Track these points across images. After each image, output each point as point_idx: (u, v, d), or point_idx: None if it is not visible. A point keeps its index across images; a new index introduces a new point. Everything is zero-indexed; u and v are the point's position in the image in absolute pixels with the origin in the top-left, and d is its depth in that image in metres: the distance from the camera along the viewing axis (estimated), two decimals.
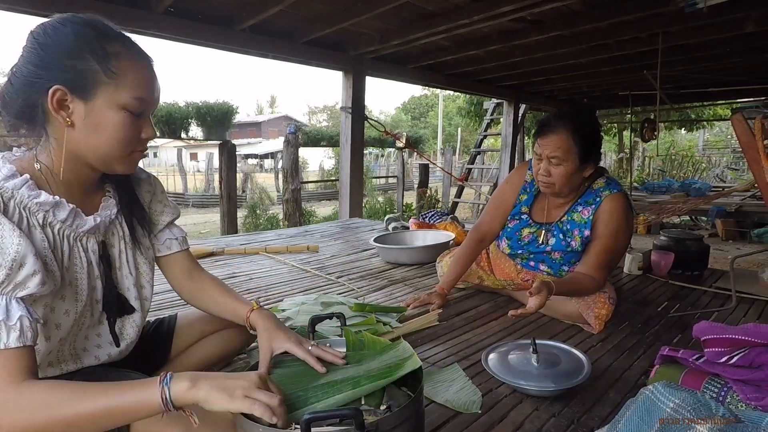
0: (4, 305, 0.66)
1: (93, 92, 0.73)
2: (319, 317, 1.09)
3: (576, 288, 1.53)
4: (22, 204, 0.72)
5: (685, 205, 4.23)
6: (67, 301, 0.79)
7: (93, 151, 0.77)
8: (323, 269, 2.38)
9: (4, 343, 0.65)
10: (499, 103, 7.21)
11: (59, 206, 0.77)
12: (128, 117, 0.76)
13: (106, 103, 0.74)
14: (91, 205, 0.85)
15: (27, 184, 0.73)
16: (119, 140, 0.76)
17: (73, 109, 0.74)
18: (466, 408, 1.08)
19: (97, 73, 0.73)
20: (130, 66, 0.75)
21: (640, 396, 0.83)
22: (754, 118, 1.36)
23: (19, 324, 0.66)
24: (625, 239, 1.63)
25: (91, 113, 0.74)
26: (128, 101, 0.75)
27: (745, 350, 0.90)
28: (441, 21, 3.19)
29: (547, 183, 1.57)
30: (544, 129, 1.53)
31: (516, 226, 1.75)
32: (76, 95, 0.73)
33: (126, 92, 0.75)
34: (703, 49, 3.97)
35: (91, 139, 0.75)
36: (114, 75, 0.74)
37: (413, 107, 34.80)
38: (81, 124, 0.74)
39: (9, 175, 0.72)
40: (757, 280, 2.05)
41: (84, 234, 0.82)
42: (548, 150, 1.50)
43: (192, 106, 5.34)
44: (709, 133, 16.46)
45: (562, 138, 1.49)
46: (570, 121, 1.50)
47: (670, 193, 6.62)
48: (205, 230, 8.44)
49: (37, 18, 2.61)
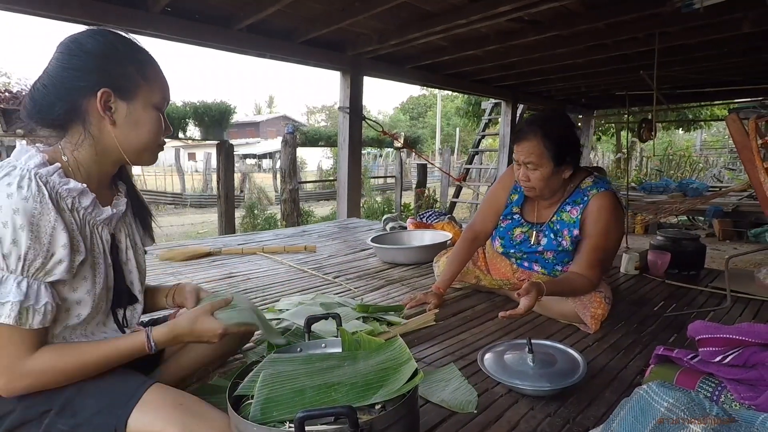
0: (36, 290, 0.75)
1: (134, 94, 0.84)
2: (315, 317, 1.09)
3: (569, 288, 1.53)
4: (54, 189, 0.79)
5: (683, 205, 4.23)
6: (89, 281, 0.85)
7: (129, 144, 0.86)
8: (320, 269, 2.38)
9: (29, 325, 0.75)
10: (497, 103, 7.21)
11: (84, 194, 0.84)
12: (158, 114, 0.88)
13: (143, 103, 0.85)
14: (103, 200, 0.90)
15: (58, 172, 0.80)
16: (154, 134, 0.88)
17: (116, 108, 0.83)
18: (461, 408, 1.09)
19: (137, 78, 0.84)
20: (155, 71, 0.88)
21: (635, 396, 0.84)
22: (748, 118, 1.36)
23: (43, 308, 0.76)
24: (616, 237, 1.64)
25: (133, 112, 0.85)
26: (158, 101, 0.87)
27: (740, 350, 0.90)
28: (439, 21, 3.19)
29: (527, 187, 1.62)
30: (518, 135, 1.58)
31: (508, 226, 1.77)
32: (119, 96, 0.83)
33: (157, 93, 0.87)
34: (700, 49, 3.98)
35: (130, 134, 0.85)
36: (148, 79, 0.86)
37: (411, 107, 34.79)
38: (122, 122, 0.84)
39: (41, 163, 0.79)
40: (753, 280, 2.05)
41: (100, 223, 0.88)
42: (522, 156, 1.56)
43: (189, 106, 5.33)
44: (707, 133, 16.49)
45: (533, 143, 1.53)
46: (539, 126, 1.54)
47: (668, 193, 6.63)
48: (203, 230, 8.43)
49: (36, 18, 2.60)
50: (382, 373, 0.84)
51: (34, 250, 0.73)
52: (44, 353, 0.77)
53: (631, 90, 6.02)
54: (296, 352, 0.99)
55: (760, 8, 2.69)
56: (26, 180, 0.75)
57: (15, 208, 0.72)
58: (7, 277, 0.73)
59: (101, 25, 2.68)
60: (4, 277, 0.73)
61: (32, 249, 0.73)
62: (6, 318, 0.72)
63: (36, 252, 0.74)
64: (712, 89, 6.00)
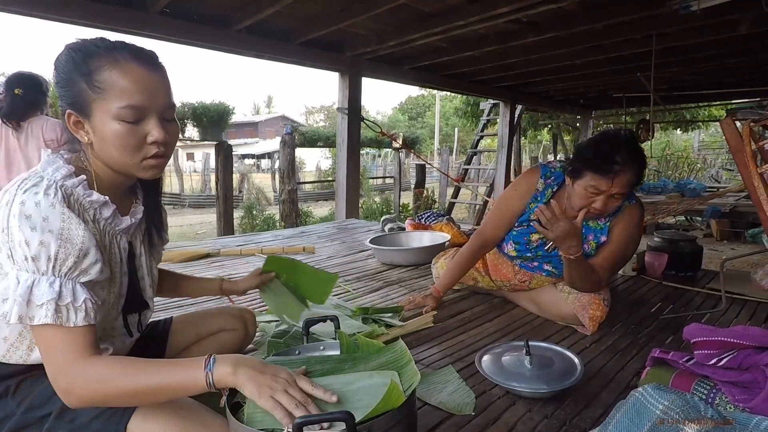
0: (71, 289, 0.74)
1: (89, 110, 0.78)
2: (313, 320, 1.10)
3: (588, 272, 1.52)
4: (78, 201, 0.79)
5: (681, 205, 4.24)
6: (105, 290, 0.85)
7: (110, 160, 0.82)
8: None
9: (74, 323, 0.73)
10: (495, 104, 7.22)
11: (106, 205, 0.84)
12: (124, 126, 0.78)
13: (102, 117, 0.78)
14: (122, 209, 0.90)
15: (83, 184, 0.80)
16: (122, 149, 0.79)
17: (86, 128, 0.80)
18: (459, 410, 1.09)
19: (86, 91, 0.77)
20: (113, 76, 0.76)
21: (631, 398, 0.84)
22: (744, 119, 1.37)
23: (84, 306, 0.75)
24: (633, 248, 1.64)
25: (96, 129, 0.79)
26: (117, 111, 0.77)
27: (734, 352, 0.91)
28: (437, 22, 3.19)
29: (599, 214, 1.50)
30: (616, 169, 1.39)
31: (524, 231, 1.70)
32: (81, 116, 0.79)
33: (113, 102, 0.76)
34: (697, 50, 3.99)
35: (104, 151, 0.81)
36: (99, 90, 0.76)
37: (410, 107, 34.78)
38: (94, 140, 0.80)
39: (67, 175, 0.79)
40: (750, 281, 2.06)
41: (119, 232, 0.88)
42: (618, 188, 1.41)
43: (188, 107, 5.33)
44: (705, 133, 16.52)
45: (631, 176, 1.41)
46: (639, 156, 1.43)
47: (666, 194, 6.64)
48: (201, 231, 8.43)
49: (34, 19, 2.60)
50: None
51: (65, 250, 0.73)
52: (103, 360, 0.75)
53: (629, 91, 6.04)
54: (294, 355, 0.99)
55: (758, 10, 2.70)
56: (53, 189, 0.75)
57: (44, 216, 0.72)
58: (38, 279, 0.72)
59: (100, 27, 2.69)
60: (36, 280, 0.72)
61: (62, 249, 0.73)
62: (45, 318, 0.71)
63: (67, 251, 0.73)
64: (710, 92, 6.02)
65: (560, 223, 1.40)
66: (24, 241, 0.71)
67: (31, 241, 0.71)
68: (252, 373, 0.73)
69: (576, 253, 1.45)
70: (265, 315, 1.64)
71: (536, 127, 11.02)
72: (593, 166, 1.41)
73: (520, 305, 1.84)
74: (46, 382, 0.81)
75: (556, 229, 1.41)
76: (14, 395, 0.81)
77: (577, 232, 1.42)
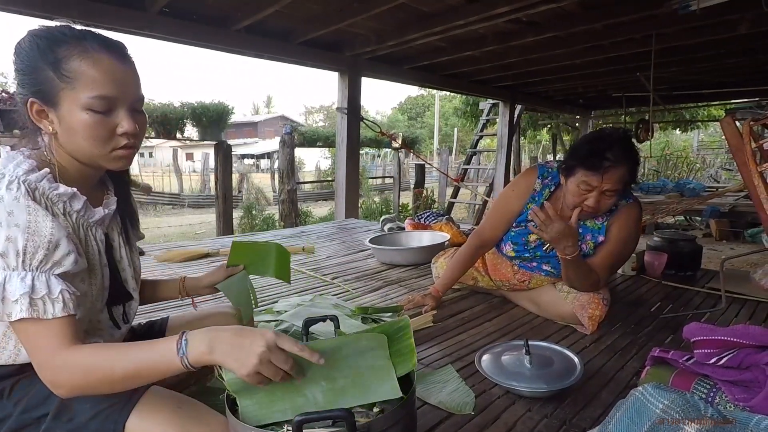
0: (44, 281, 0.72)
1: (56, 99, 0.76)
2: (313, 320, 1.10)
3: (587, 271, 1.53)
4: (45, 195, 0.77)
5: (680, 205, 4.24)
6: (86, 283, 0.84)
7: (77, 151, 0.80)
8: (319, 270, 2.38)
9: (52, 314, 0.72)
10: (495, 104, 7.22)
11: (75, 197, 0.82)
12: (93, 116, 0.76)
13: (70, 107, 0.76)
14: (94, 200, 0.89)
15: (47, 177, 0.78)
16: (91, 140, 0.78)
17: (51, 117, 0.78)
18: (459, 409, 1.09)
19: (53, 80, 0.75)
20: (83, 65, 0.75)
21: (631, 397, 0.84)
22: (744, 119, 1.37)
23: (61, 296, 0.73)
24: (631, 247, 1.64)
25: (63, 119, 0.77)
26: (87, 101, 0.75)
27: (734, 351, 0.91)
28: (437, 22, 3.19)
29: (593, 212, 1.50)
30: (606, 165, 1.40)
31: (522, 231, 1.71)
32: (46, 105, 0.77)
33: (83, 92, 0.75)
34: (696, 50, 3.99)
35: (71, 143, 0.79)
36: (67, 79, 0.75)
37: (410, 107, 34.79)
38: (59, 130, 0.78)
39: (30, 169, 0.77)
40: (749, 281, 2.06)
41: (93, 224, 0.87)
42: (609, 185, 1.42)
43: (187, 107, 5.31)
44: (704, 133, 16.54)
45: (622, 173, 1.42)
46: (631, 153, 1.44)
47: (665, 194, 6.64)
48: (200, 231, 8.42)
49: (32, 19, 2.60)
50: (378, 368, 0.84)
51: (33, 243, 0.72)
52: (85, 348, 0.74)
53: (628, 90, 6.05)
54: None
55: (757, 10, 2.70)
56: (15, 184, 0.74)
57: (9, 211, 0.71)
58: (9, 275, 0.71)
59: (99, 26, 2.69)
60: (7, 276, 0.71)
61: (30, 242, 0.71)
62: (21, 313, 0.70)
63: (36, 244, 0.72)
64: (708, 91, 6.02)
65: (554, 224, 1.40)
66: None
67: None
68: (229, 349, 0.71)
69: (572, 254, 1.45)
70: (265, 314, 1.64)
71: (536, 127, 11.02)
72: (583, 163, 1.43)
73: (520, 305, 1.85)
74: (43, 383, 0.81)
75: (550, 231, 1.41)
76: (10, 396, 0.81)
77: (572, 232, 1.42)
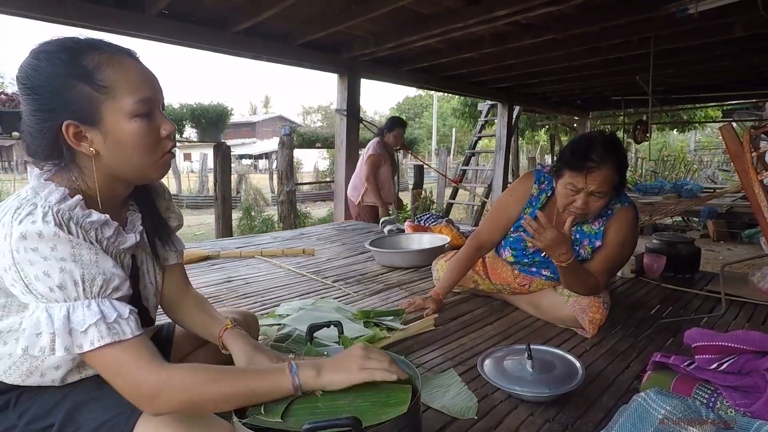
0: (110, 305, 0.72)
1: (98, 115, 0.73)
2: (317, 325, 1.10)
3: (584, 277, 1.54)
4: (79, 223, 0.74)
5: (677, 206, 4.26)
6: None
7: (126, 167, 0.78)
8: (319, 273, 2.38)
9: (131, 333, 0.72)
10: (493, 105, 7.24)
11: (107, 224, 0.80)
12: (141, 123, 0.75)
13: (115, 119, 0.73)
14: (119, 220, 0.85)
15: (80, 204, 0.75)
16: (144, 148, 0.76)
17: (91, 137, 0.74)
18: (461, 414, 1.10)
19: (90, 93, 0.72)
20: (116, 71, 0.73)
21: (633, 402, 0.85)
22: (740, 120, 1.38)
23: (132, 317, 0.73)
24: (629, 250, 1.65)
25: (108, 134, 0.74)
26: (133, 107, 0.73)
27: (735, 357, 0.92)
28: (435, 24, 3.20)
29: (582, 214, 1.51)
30: (589, 165, 1.41)
31: (520, 237, 1.73)
32: (86, 124, 0.73)
33: (126, 99, 0.73)
34: (693, 52, 4.02)
35: (120, 157, 0.76)
36: (105, 89, 0.72)
37: (408, 108, 34.77)
38: (104, 148, 0.75)
39: (62, 198, 0.74)
40: (747, 283, 2.08)
41: (123, 250, 0.85)
42: (594, 185, 1.43)
43: (186, 108, 5.31)
44: (701, 133, 16.62)
45: (609, 174, 1.42)
46: (616, 154, 1.44)
47: (662, 194, 6.68)
48: (199, 232, 8.40)
49: (30, 20, 2.60)
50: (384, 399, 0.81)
51: (89, 272, 0.70)
52: (181, 368, 0.74)
53: (626, 92, 6.07)
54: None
55: (753, 13, 2.72)
56: (50, 216, 0.70)
57: (52, 246, 0.68)
58: (72, 306, 0.68)
59: (98, 29, 2.68)
60: (71, 307, 0.68)
61: (87, 271, 0.70)
62: (100, 340, 0.68)
63: (92, 273, 0.70)
64: (706, 94, 6.05)
65: (547, 232, 1.40)
66: (42, 273, 0.67)
67: (50, 270, 0.68)
68: (333, 365, 0.79)
69: (567, 261, 1.45)
70: (267, 318, 1.64)
71: (534, 128, 11.05)
72: (568, 164, 1.47)
73: (520, 308, 1.85)
74: (47, 394, 0.81)
75: (543, 239, 1.42)
76: (15, 407, 0.80)
77: (565, 239, 1.43)
